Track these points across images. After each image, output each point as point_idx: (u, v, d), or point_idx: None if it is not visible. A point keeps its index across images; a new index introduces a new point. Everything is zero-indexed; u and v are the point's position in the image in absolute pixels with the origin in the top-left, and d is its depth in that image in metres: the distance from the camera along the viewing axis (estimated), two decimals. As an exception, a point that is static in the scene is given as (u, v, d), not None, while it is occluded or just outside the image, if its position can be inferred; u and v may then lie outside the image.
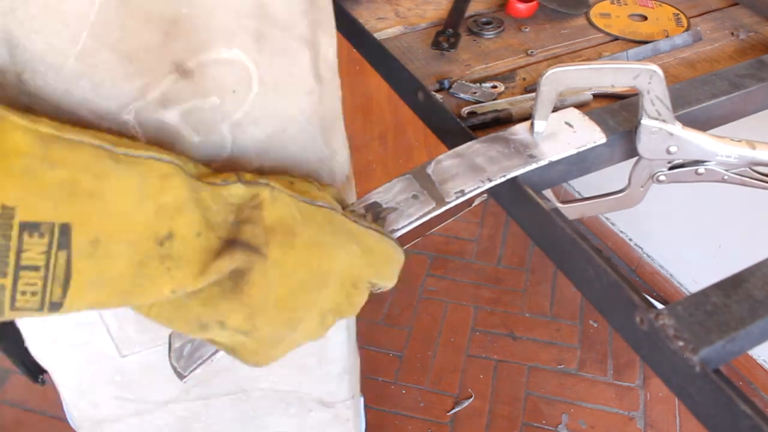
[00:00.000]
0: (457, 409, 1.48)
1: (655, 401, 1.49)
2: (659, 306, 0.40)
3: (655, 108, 0.52)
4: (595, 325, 1.65)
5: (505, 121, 0.61)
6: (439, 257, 1.81)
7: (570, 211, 0.59)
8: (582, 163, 0.56)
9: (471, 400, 1.50)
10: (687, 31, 0.75)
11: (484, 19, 0.77)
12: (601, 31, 0.76)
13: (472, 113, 0.62)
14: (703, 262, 1.55)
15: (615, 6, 0.80)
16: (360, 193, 0.48)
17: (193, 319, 0.39)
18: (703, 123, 0.60)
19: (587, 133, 0.53)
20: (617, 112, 0.58)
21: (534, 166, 0.50)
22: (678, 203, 1.53)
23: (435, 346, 1.61)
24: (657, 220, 1.64)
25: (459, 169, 0.49)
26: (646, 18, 0.78)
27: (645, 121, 0.53)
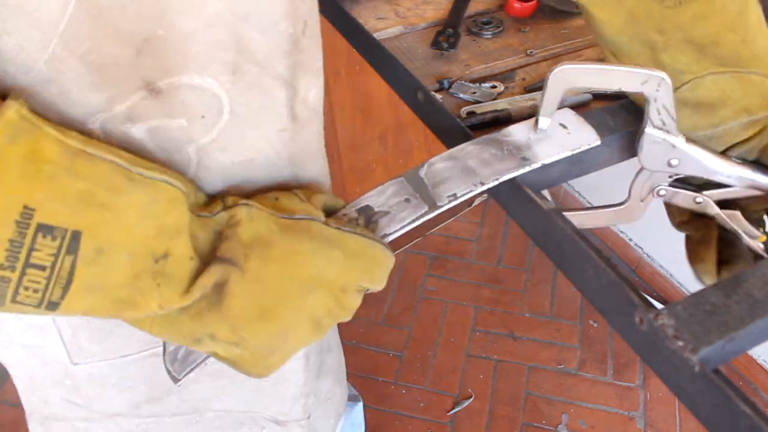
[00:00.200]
0: (457, 409, 1.48)
1: (655, 401, 1.49)
2: (659, 306, 0.40)
3: (661, 117, 0.50)
4: (595, 325, 1.65)
5: (504, 121, 0.61)
6: (439, 257, 1.81)
7: None
8: (580, 163, 0.55)
9: (471, 400, 1.50)
10: (687, 31, 0.74)
11: (483, 19, 0.77)
12: (601, 31, 0.76)
13: (471, 113, 0.62)
14: (703, 262, 1.55)
15: (615, 6, 0.80)
16: (359, 193, 0.48)
17: (187, 333, 0.41)
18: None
19: (581, 135, 0.52)
20: (617, 112, 0.58)
21: (527, 170, 0.49)
22: (678, 203, 1.53)
23: (435, 346, 1.61)
24: (657, 220, 1.63)
25: (452, 172, 0.49)
26: (645, 18, 0.78)
27: (649, 130, 0.51)
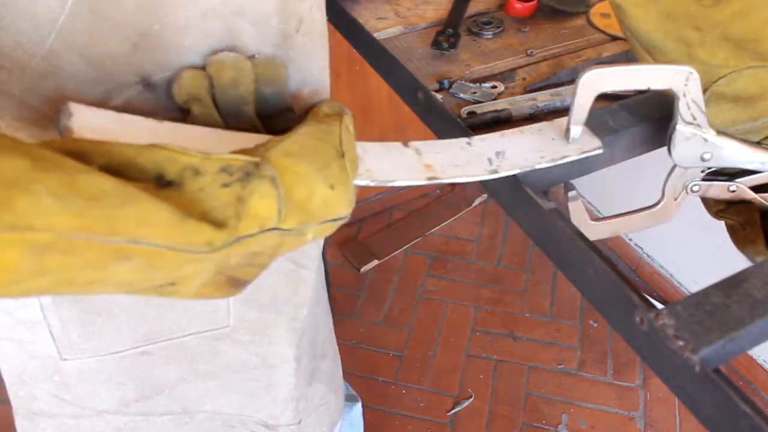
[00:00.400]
0: (457, 409, 1.48)
1: (655, 401, 1.49)
2: (659, 306, 0.40)
3: (691, 112, 0.49)
4: (595, 325, 1.65)
5: (504, 121, 0.61)
6: (439, 257, 1.80)
7: (601, 229, 0.56)
8: (581, 164, 0.55)
9: (471, 400, 1.50)
10: (687, 31, 0.75)
11: (483, 19, 0.77)
12: (601, 31, 0.76)
13: (471, 113, 0.62)
14: (703, 262, 1.55)
15: (615, 6, 0.80)
16: (359, 193, 0.48)
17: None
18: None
19: (582, 142, 0.51)
20: (617, 112, 0.58)
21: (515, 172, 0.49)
22: (678, 203, 1.53)
23: (435, 346, 1.61)
24: (657, 220, 1.64)
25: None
26: (645, 18, 0.78)
27: (680, 126, 0.49)
